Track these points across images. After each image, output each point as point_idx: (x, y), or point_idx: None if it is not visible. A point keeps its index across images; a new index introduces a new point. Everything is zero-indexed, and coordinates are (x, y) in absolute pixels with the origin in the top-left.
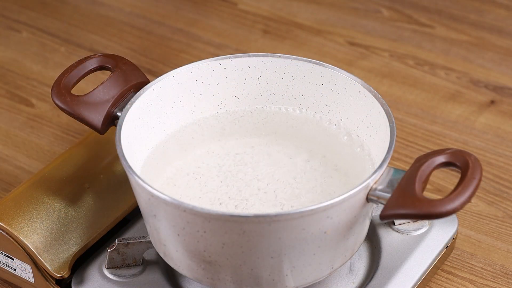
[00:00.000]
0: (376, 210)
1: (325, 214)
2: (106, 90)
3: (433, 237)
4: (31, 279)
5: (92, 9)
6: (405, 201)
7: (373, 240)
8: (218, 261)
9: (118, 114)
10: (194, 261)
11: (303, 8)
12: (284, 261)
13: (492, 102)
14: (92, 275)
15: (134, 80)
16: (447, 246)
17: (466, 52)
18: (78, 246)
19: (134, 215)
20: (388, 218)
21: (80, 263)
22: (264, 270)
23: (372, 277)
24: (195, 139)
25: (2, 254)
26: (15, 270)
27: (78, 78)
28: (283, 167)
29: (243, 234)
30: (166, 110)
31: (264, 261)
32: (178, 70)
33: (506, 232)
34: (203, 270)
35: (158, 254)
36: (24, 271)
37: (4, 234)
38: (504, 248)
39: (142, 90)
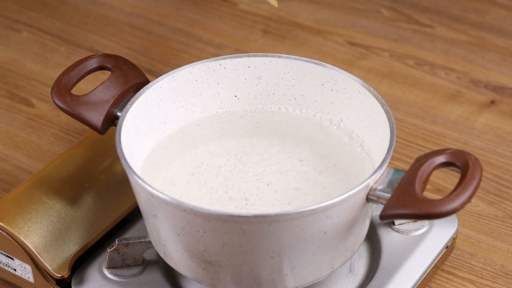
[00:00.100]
0: (376, 210)
1: (325, 214)
2: (106, 90)
3: (433, 237)
4: (31, 279)
5: (92, 9)
6: (405, 201)
7: (373, 240)
8: (218, 261)
9: (118, 114)
10: (194, 261)
11: (303, 8)
12: (284, 261)
13: (492, 102)
14: (92, 275)
15: (134, 80)
16: (447, 246)
17: (466, 52)
18: (78, 246)
19: (134, 215)
20: (388, 218)
21: (80, 263)
22: (264, 270)
23: (372, 277)
24: (195, 139)
25: (2, 254)
26: (15, 270)
27: (78, 78)
28: (283, 167)
29: (243, 234)
30: (166, 110)
31: (264, 261)
32: (178, 70)
33: (506, 232)
34: (203, 270)
35: (158, 254)
36: (24, 271)
37: (4, 234)
38: (504, 248)
39: (142, 90)
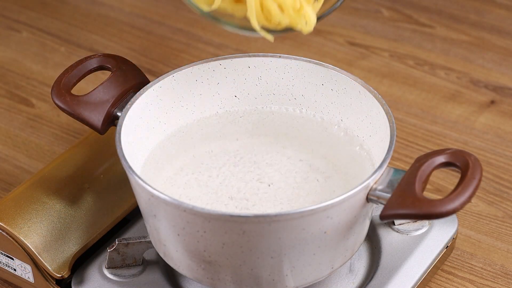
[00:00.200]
0: (376, 210)
1: (325, 214)
2: (106, 90)
3: (433, 237)
4: (31, 279)
5: (92, 9)
6: (405, 201)
7: (373, 240)
8: (218, 261)
9: (118, 114)
10: (194, 261)
11: None
12: (284, 261)
13: (492, 102)
14: (92, 275)
15: (134, 80)
16: (447, 246)
17: (466, 52)
18: (78, 246)
19: (134, 215)
20: (388, 218)
21: (80, 263)
22: (264, 270)
23: (372, 277)
24: (195, 139)
25: (2, 254)
26: (15, 270)
27: (78, 78)
28: (283, 167)
29: (243, 234)
30: (166, 110)
31: (264, 261)
32: (178, 70)
33: (506, 232)
34: (203, 270)
35: (158, 254)
36: (24, 271)
37: (4, 234)
38: (504, 248)
39: (142, 90)
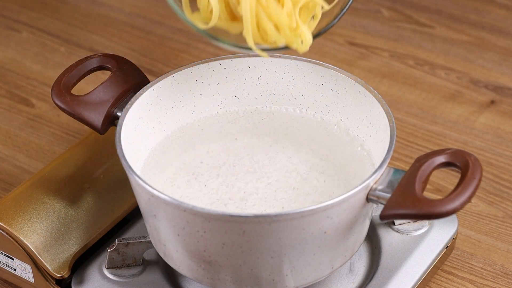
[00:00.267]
0: (376, 210)
1: (325, 214)
2: (106, 90)
3: (433, 237)
4: (31, 279)
5: (92, 9)
6: (405, 201)
7: (373, 240)
8: (218, 261)
9: (118, 114)
10: (194, 261)
11: None
12: (284, 261)
13: (492, 102)
14: (92, 275)
15: (134, 80)
16: (447, 246)
17: (466, 52)
18: (78, 246)
19: (134, 215)
20: (388, 218)
21: (80, 263)
22: (264, 270)
23: (372, 277)
24: (195, 139)
25: (2, 254)
26: (15, 270)
27: (78, 78)
28: (283, 167)
29: (243, 234)
30: (166, 110)
31: (264, 261)
32: (178, 70)
33: (506, 232)
34: (203, 270)
35: (158, 254)
36: (24, 271)
37: (4, 234)
38: (504, 248)
39: (142, 90)
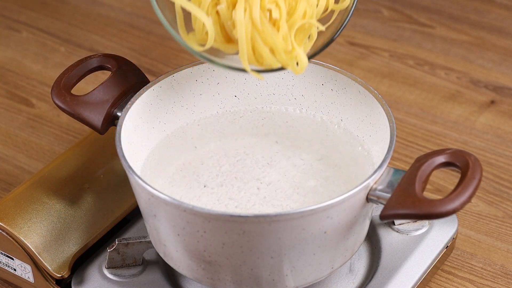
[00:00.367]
0: (376, 210)
1: (325, 214)
2: (106, 90)
3: (433, 237)
4: (31, 279)
5: (92, 9)
6: (405, 201)
7: (373, 240)
8: (218, 261)
9: (118, 114)
10: (194, 261)
11: None
12: (284, 261)
13: (492, 102)
14: (92, 275)
15: (134, 80)
16: (447, 246)
17: (466, 52)
18: (78, 246)
19: (134, 215)
20: (388, 218)
21: (80, 263)
22: (264, 270)
23: (372, 277)
24: (195, 139)
25: (2, 254)
26: (15, 270)
27: (78, 78)
28: (283, 167)
29: (243, 234)
30: (166, 110)
31: (264, 261)
32: (178, 70)
33: (506, 232)
34: (203, 270)
35: (158, 254)
36: (24, 271)
37: (4, 234)
38: (504, 248)
39: (142, 90)
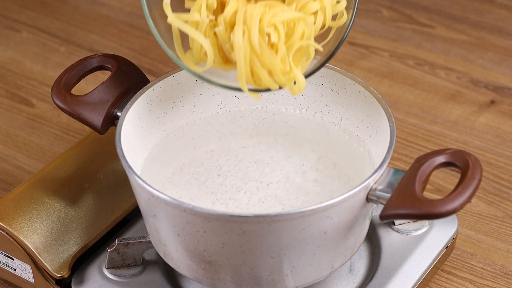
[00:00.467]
0: (376, 210)
1: (325, 214)
2: (106, 90)
3: (433, 237)
4: (31, 279)
5: (92, 9)
6: (405, 201)
7: (373, 240)
8: (218, 261)
9: (118, 114)
10: (194, 261)
11: None
12: (284, 261)
13: (492, 102)
14: (92, 275)
15: (134, 80)
16: (447, 246)
17: (466, 52)
18: (78, 246)
19: (134, 215)
20: (388, 218)
21: (80, 263)
22: (264, 270)
23: (372, 277)
24: (195, 139)
25: (2, 254)
26: (15, 270)
27: (78, 78)
28: (283, 167)
29: (243, 234)
30: (166, 110)
31: (264, 261)
32: (178, 70)
33: (506, 232)
34: (203, 270)
35: (158, 254)
36: (24, 271)
37: (4, 234)
38: (504, 248)
39: (142, 90)
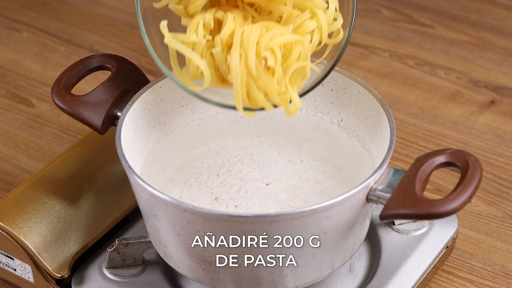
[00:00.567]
0: (376, 210)
1: (325, 214)
2: (106, 90)
3: (433, 237)
4: (31, 279)
5: (92, 9)
6: (405, 201)
7: (373, 240)
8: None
9: (118, 114)
10: (194, 261)
11: None
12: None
13: (492, 102)
14: (92, 275)
15: (134, 80)
16: (447, 246)
17: (466, 52)
18: (78, 246)
19: (134, 215)
20: (388, 218)
21: (80, 263)
22: (264, 270)
23: (372, 277)
24: (195, 139)
25: (2, 254)
26: (15, 270)
27: (78, 78)
28: (283, 167)
29: (243, 234)
30: (166, 110)
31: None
32: None
33: (506, 232)
34: (203, 270)
35: (158, 254)
36: (24, 271)
37: (4, 234)
38: (504, 248)
39: (142, 90)
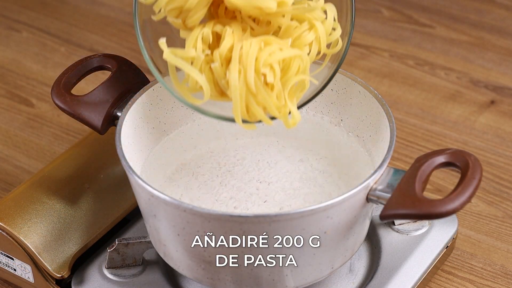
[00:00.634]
0: (376, 210)
1: (325, 214)
2: (106, 90)
3: (433, 237)
4: (31, 279)
5: (92, 9)
6: (405, 201)
7: (373, 240)
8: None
9: (118, 114)
10: (194, 261)
11: None
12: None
13: (492, 102)
14: (92, 275)
15: (134, 80)
16: (447, 246)
17: (466, 52)
18: (78, 246)
19: (134, 215)
20: (388, 218)
21: (80, 263)
22: (264, 270)
23: (372, 277)
24: (195, 139)
25: (2, 254)
26: (15, 270)
27: (78, 78)
28: (283, 167)
29: (243, 234)
30: (166, 110)
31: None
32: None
33: (506, 232)
34: (203, 270)
35: (158, 254)
36: (24, 271)
37: (4, 234)
38: (504, 248)
39: (142, 90)
